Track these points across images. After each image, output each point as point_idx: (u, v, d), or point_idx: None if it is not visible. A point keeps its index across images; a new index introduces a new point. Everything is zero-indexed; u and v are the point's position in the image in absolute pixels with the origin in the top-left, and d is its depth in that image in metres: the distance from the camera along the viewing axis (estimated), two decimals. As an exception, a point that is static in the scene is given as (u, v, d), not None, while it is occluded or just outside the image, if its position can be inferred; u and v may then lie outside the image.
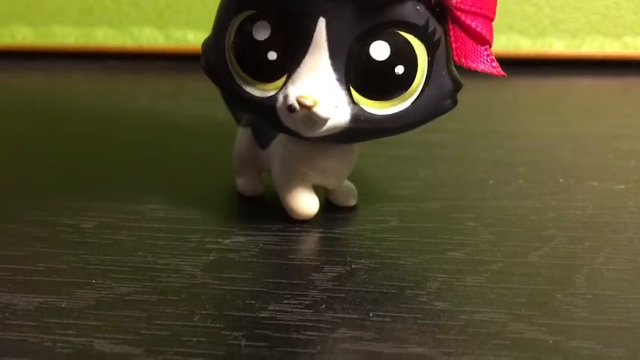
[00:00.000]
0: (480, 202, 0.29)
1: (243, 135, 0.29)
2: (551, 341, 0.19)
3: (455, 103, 0.24)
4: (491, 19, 0.22)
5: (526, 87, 0.53)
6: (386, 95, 0.23)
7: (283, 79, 0.23)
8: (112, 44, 0.59)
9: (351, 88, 0.22)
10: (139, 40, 0.59)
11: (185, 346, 0.19)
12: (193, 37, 0.58)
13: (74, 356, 0.18)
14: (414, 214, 0.27)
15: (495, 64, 0.22)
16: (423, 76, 0.23)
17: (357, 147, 0.26)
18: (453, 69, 0.24)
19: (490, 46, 0.23)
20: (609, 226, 0.26)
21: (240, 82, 0.23)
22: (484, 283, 0.22)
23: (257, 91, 0.23)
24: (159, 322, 0.20)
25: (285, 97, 0.22)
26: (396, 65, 0.22)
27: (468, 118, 0.43)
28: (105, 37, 0.59)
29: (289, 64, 0.22)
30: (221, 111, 0.33)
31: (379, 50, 0.22)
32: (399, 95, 0.23)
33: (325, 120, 0.22)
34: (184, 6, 0.59)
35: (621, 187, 0.31)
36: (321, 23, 0.22)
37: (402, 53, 0.22)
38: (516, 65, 0.57)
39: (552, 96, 0.51)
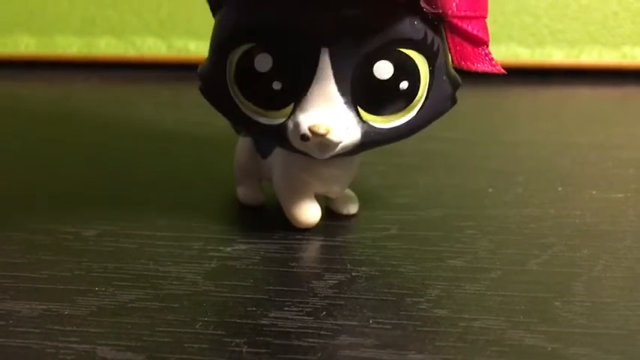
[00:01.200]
0: (479, 211, 0.29)
1: (243, 144, 0.29)
2: (549, 348, 0.19)
3: (454, 102, 0.25)
4: (485, 17, 0.23)
5: (525, 96, 0.54)
6: (393, 110, 0.23)
7: (291, 106, 0.23)
8: (115, 54, 0.60)
9: (359, 108, 0.23)
10: (141, 49, 0.60)
11: (187, 352, 0.19)
12: (195, 47, 0.59)
13: (77, 363, 0.18)
14: (414, 222, 0.28)
15: (495, 62, 0.23)
16: (425, 86, 0.23)
17: (359, 155, 0.26)
18: (452, 71, 0.24)
19: (487, 46, 0.23)
20: (608, 234, 0.27)
21: (246, 111, 0.23)
22: (483, 290, 0.22)
23: (265, 119, 0.23)
24: (161, 329, 0.20)
25: (297, 126, 0.22)
26: (400, 81, 0.22)
27: (467, 127, 0.43)
28: (107, 46, 0.60)
29: (296, 93, 0.22)
30: (222, 120, 0.33)
31: (383, 70, 0.22)
32: (405, 108, 0.23)
33: (338, 144, 0.23)
34: (186, 16, 0.59)
35: (620, 195, 0.31)
36: (324, 52, 0.22)
37: (405, 69, 0.22)
38: (515, 75, 0.57)
39: (551, 105, 0.52)
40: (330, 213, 0.28)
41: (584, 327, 0.20)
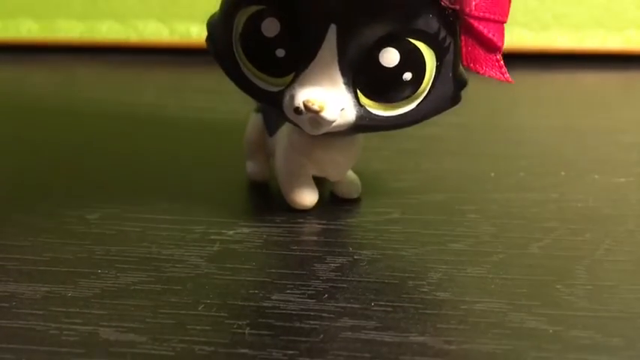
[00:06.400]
0: (481, 195, 0.29)
1: (254, 120, 0.29)
2: (551, 331, 0.19)
3: (456, 102, 0.24)
4: (504, 23, 0.22)
5: (528, 81, 0.53)
6: (392, 100, 0.23)
7: (291, 76, 0.23)
8: (117, 38, 0.59)
9: (358, 91, 0.23)
10: (143, 34, 0.59)
11: (189, 334, 0.19)
12: (197, 31, 0.58)
13: (80, 344, 0.18)
14: (416, 206, 0.28)
15: (504, 70, 0.22)
16: (430, 81, 0.23)
17: (360, 141, 0.26)
18: (460, 69, 0.24)
19: (500, 52, 0.22)
20: (610, 218, 0.27)
21: (247, 73, 0.23)
22: (485, 273, 0.22)
23: (264, 84, 0.23)
24: (164, 311, 0.20)
25: (292, 97, 0.22)
26: (405, 72, 0.22)
27: (470, 111, 0.42)
28: (109, 31, 0.59)
29: (298, 64, 0.22)
30: (225, 104, 0.33)
31: (389, 57, 0.22)
32: (405, 99, 0.23)
33: (331, 122, 0.22)
34: (188, 0, 0.59)
35: (622, 180, 0.31)
36: (332, 29, 0.21)
37: (411, 61, 0.22)
38: (519, 59, 0.57)
39: (555, 90, 0.52)
40: (332, 197, 0.28)
41: (586, 310, 0.20)
